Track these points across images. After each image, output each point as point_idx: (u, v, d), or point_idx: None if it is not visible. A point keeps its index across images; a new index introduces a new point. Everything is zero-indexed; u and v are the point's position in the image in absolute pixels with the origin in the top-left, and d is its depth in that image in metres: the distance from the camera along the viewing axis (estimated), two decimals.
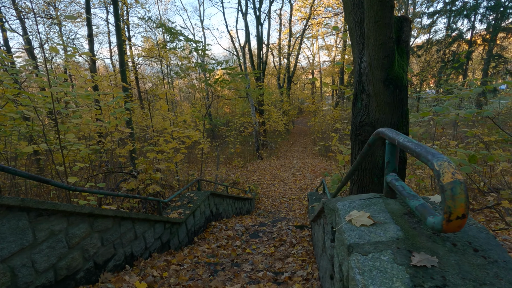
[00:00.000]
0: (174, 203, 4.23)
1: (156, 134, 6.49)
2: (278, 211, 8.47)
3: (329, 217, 1.17)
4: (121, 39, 9.31)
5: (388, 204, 0.92)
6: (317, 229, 2.66)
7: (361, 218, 0.82)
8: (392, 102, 2.38)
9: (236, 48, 21.50)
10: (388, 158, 0.96)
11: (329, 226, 1.17)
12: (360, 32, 2.62)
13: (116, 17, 9.12)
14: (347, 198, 1.07)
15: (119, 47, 9.23)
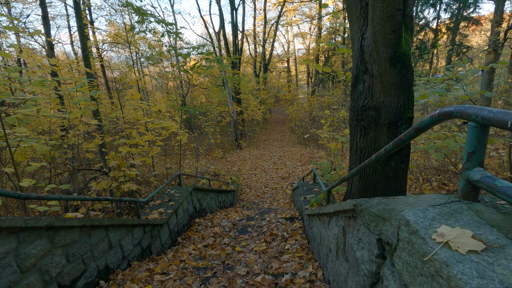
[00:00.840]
0: (154, 202, 3.82)
1: (128, 126, 5.89)
2: (261, 202, 8.29)
3: (373, 226, 0.91)
4: (81, 21, 8.32)
5: (481, 213, 0.67)
6: (319, 225, 2.44)
7: (462, 238, 0.56)
8: (398, 83, 2.16)
9: (210, 34, 20.59)
10: (473, 147, 0.70)
11: (372, 237, 0.91)
12: (360, 5, 2.35)
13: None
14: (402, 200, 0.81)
15: (80, 29, 8.25)
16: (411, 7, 2.29)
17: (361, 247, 1.04)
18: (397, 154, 2.31)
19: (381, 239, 0.84)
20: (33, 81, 3.23)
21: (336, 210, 1.48)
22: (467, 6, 19.06)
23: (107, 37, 18.11)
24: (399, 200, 0.84)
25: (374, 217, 0.89)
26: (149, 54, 10.87)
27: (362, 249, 1.03)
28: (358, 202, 1.07)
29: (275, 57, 35.75)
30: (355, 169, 1.73)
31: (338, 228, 1.52)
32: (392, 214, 0.75)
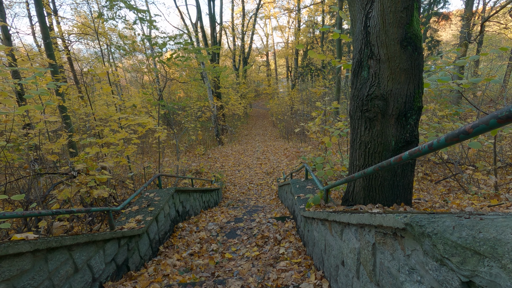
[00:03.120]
0: (130, 208, 3.39)
1: (99, 123, 5.31)
2: (247, 199, 8.01)
3: (455, 262, 0.62)
4: (41, 6, 7.44)
5: None
6: (322, 230, 2.18)
7: None
8: (409, 68, 1.92)
9: (187, 26, 19.68)
10: None
11: (451, 276, 0.63)
12: None
13: None
14: (504, 224, 0.55)
15: (40, 16, 7.37)
16: None
17: (417, 280, 0.78)
18: (406, 148, 2.09)
19: (473, 283, 0.56)
20: None
21: (361, 222, 1.21)
22: (437, 2, 19.78)
23: (74, 28, 16.70)
24: (499, 224, 0.57)
25: (456, 248, 0.61)
26: (120, 45, 10.05)
27: (419, 283, 0.76)
28: (415, 220, 0.79)
29: (254, 51, 35.31)
30: (371, 168, 1.47)
31: (362, 242, 1.26)
32: (499, 249, 0.48)
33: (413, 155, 1.09)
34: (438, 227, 0.68)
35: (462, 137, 0.82)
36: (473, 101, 11.10)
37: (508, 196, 3.46)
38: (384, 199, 2.22)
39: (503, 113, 0.66)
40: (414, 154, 1.08)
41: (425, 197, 4.72)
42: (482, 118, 0.73)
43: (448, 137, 0.87)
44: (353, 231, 1.35)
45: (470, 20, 14.11)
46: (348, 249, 1.43)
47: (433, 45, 20.65)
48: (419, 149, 1.04)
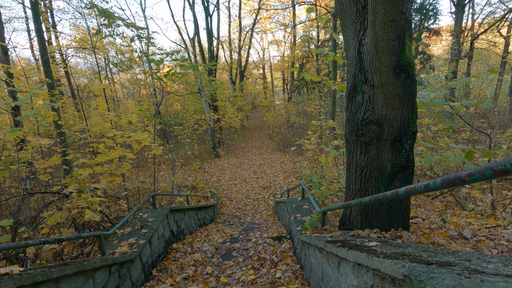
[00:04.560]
0: (123, 230, 3.30)
1: (94, 139, 5.26)
2: (243, 215, 7.89)
3: None
4: (40, 23, 7.52)
5: None
6: (320, 258, 2.13)
7: None
8: (403, 95, 1.94)
9: (185, 40, 20.02)
10: None
11: None
12: (356, 9, 2.12)
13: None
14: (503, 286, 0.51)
15: (38, 32, 7.43)
16: (410, 12, 2.10)
17: None
18: (402, 173, 2.08)
19: None
20: None
21: (359, 262, 1.18)
22: (428, 18, 20.47)
23: (72, 42, 16.86)
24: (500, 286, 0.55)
25: None
26: (118, 60, 10.14)
27: None
28: (414, 273, 0.77)
29: (251, 64, 35.88)
30: (368, 198, 1.45)
31: (359, 281, 1.22)
32: None
33: (409, 192, 1.07)
34: (437, 285, 0.66)
35: (458, 183, 0.80)
36: (467, 115, 11.27)
37: (505, 215, 3.45)
38: (382, 223, 2.19)
39: (499, 167, 0.66)
40: (410, 191, 1.07)
41: (422, 213, 4.69)
42: (479, 168, 0.72)
43: (444, 181, 0.86)
44: (351, 266, 1.31)
45: (460, 37, 14.56)
46: (345, 284, 1.39)
47: (425, 59, 21.22)
48: (415, 187, 1.02)
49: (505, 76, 16.67)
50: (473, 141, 8.80)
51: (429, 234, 2.31)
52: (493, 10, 16.22)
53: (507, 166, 0.63)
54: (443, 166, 2.69)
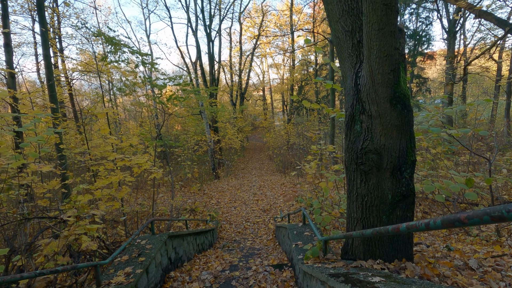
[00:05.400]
0: (120, 257, 3.22)
1: (94, 162, 5.27)
2: (243, 239, 7.70)
3: None
4: (48, 49, 7.80)
5: None
6: None
7: None
8: (400, 125, 1.99)
9: (187, 64, 20.66)
10: None
11: None
12: (352, 43, 2.23)
13: (42, 24, 7.64)
14: None
15: (46, 58, 7.69)
16: (403, 46, 2.21)
17: None
18: (403, 202, 2.08)
19: None
20: None
21: None
22: (421, 43, 21.30)
23: (78, 66, 17.40)
24: None
25: None
26: (122, 84, 10.42)
27: None
28: None
29: (251, 86, 36.73)
30: (370, 231, 1.44)
31: None
32: None
33: (411, 229, 1.07)
34: None
35: (458, 224, 0.81)
36: (465, 137, 11.35)
37: (511, 243, 3.38)
38: (385, 254, 2.15)
39: (496, 213, 0.67)
40: (411, 228, 1.07)
41: (426, 239, 4.59)
42: (477, 212, 0.74)
43: (444, 222, 0.87)
44: None
45: (453, 62, 15.08)
46: None
47: (421, 82, 21.78)
48: (416, 225, 1.03)
49: (500, 98, 17.02)
50: (473, 163, 8.81)
51: (434, 265, 2.25)
52: (483, 36, 16.91)
53: (503, 213, 0.65)
54: (444, 193, 2.69)
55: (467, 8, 5.75)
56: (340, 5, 2.28)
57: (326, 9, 2.51)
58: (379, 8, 1.79)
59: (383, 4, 1.78)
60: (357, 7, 2.23)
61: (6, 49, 9.06)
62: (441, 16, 15.15)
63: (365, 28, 1.91)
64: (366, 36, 1.91)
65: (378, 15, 1.80)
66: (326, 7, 2.50)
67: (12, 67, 9.44)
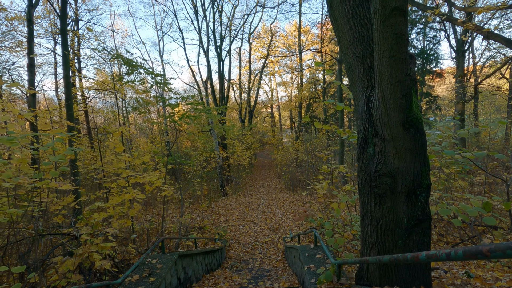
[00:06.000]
0: (131, 277, 3.21)
1: (107, 179, 5.38)
2: (252, 259, 7.54)
3: None
4: (68, 70, 8.22)
5: None
6: None
7: None
8: (413, 148, 2.00)
9: (198, 82, 21.30)
10: None
11: None
12: (363, 68, 2.30)
13: (64, 47, 8.12)
14: None
15: (66, 78, 8.09)
16: (414, 71, 2.26)
17: None
18: (419, 226, 2.05)
19: None
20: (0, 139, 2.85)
21: None
22: (429, 61, 21.40)
23: (94, 84, 18.17)
24: None
25: None
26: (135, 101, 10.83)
27: None
28: None
29: (259, 104, 37.22)
30: (387, 258, 1.43)
31: None
32: None
33: (431, 258, 1.07)
34: None
35: (480, 257, 0.82)
36: (479, 158, 11.05)
37: None
38: (402, 280, 2.09)
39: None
40: (431, 258, 1.07)
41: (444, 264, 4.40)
42: (499, 245, 0.75)
43: (466, 253, 0.87)
44: None
45: (463, 80, 15.00)
46: None
47: (431, 100, 21.66)
48: (437, 255, 1.03)
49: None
50: (489, 183, 8.52)
51: None
52: (493, 54, 16.89)
53: None
54: (461, 217, 2.63)
55: (474, 30, 5.83)
56: (351, 32, 2.38)
57: (337, 36, 2.61)
58: (390, 37, 1.86)
59: (393, 33, 1.86)
60: (367, 35, 2.32)
61: (30, 70, 9.59)
62: (448, 35, 15.27)
63: (376, 55, 1.98)
64: (377, 63, 1.98)
65: (389, 43, 1.87)
66: (337, 34, 2.60)
67: (34, 86, 9.93)
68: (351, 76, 2.55)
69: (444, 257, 0.98)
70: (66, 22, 8.40)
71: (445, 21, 13.74)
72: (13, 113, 4.32)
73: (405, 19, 1.89)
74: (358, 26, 2.35)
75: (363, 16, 2.35)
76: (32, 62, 9.70)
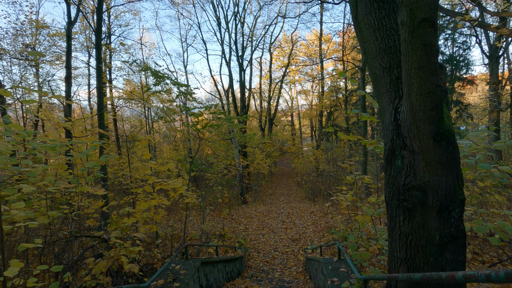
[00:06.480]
0: (156, 282, 3.31)
1: (135, 185, 5.63)
2: (272, 270, 7.45)
3: None
4: (101, 82, 8.81)
5: None
6: None
7: None
8: (445, 162, 1.93)
9: (219, 91, 21.81)
10: None
11: None
12: (390, 79, 2.27)
13: (98, 60, 8.74)
14: None
15: (99, 89, 8.68)
16: (445, 81, 2.20)
17: None
18: (452, 243, 1.95)
19: None
20: (43, 146, 3.11)
21: None
22: (459, 68, 20.38)
23: (123, 94, 19.22)
24: None
25: None
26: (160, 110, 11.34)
27: None
28: None
29: (279, 112, 37.25)
30: (420, 276, 1.38)
31: None
32: None
33: (468, 279, 1.03)
34: None
35: None
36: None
37: None
38: None
39: None
40: (469, 278, 1.02)
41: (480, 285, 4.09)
42: None
43: (508, 275, 0.84)
44: None
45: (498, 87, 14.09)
46: None
47: (461, 108, 20.54)
48: (475, 275, 0.99)
49: None
50: None
51: None
52: None
53: None
54: (499, 235, 2.46)
55: (510, 36, 5.52)
56: (377, 43, 2.37)
57: (362, 47, 2.61)
58: (419, 48, 1.84)
59: (422, 44, 1.83)
60: (394, 45, 2.30)
61: (67, 81, 10.36)
62: (480, 41, 14.52)
63: (404, 66, 1.96)
64: (405, 74, 1.95)
65: (418, 54, 1.84)
66: (362, 45, 2.60)
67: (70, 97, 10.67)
68: (377, 87, 2.52)
69: (484, 278, 0.94)
70: (101, 37, 9.04)
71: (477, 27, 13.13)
72: (53, 122, 4.69)
73: (435, 29, 1.85)
74: (385, 37, 2.34)
75: (389, 27, 2.33)
76: (69, 74, 10.47)
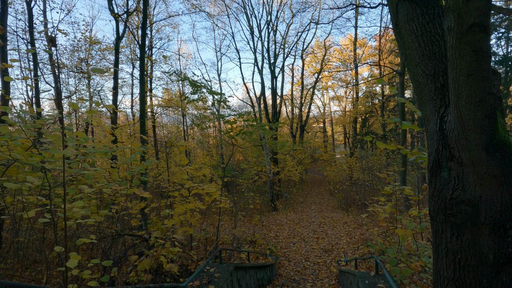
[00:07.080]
0: (192, 283, 3.45)
1: (172, 189, 5.95)
2: (303, 280, 7.29)
3: None
4: (144, 91, 9.51)
5: None
6: None
7: None
8: (500, 175, 1.78)
9: (251, 98, 22.20)
10: None
11: None
12: (435, 87, 2.17)
13: (142, 72, 9.48)
14: None
15: (141, 99, 9.37)
16: (498, 88, 2.04)
17: None
18: (509, 265, 1.77)
19: None
20: (97, 151, 3.45)
21: None
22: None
23: (162, 102, 20.48)
24: None
25: None
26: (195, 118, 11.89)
27: None
28: None
29: (311, 119, 36.63)
30: None
31: None
32: None
33: None
34: None
35: None
36: None
37: None
38: None
39: None
40: None
41: None
42: None
43: None
44: None
45: None
46: None
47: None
48: None
49: None
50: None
51: None
52: None
53: None
54: None
55: None
56: (420, 50, 2.28)
57: (404, 54, 2.52)
58: (468, 55, 1.74)
59: (472, 51, 1.73)
60: (439, 52, 2.19)
61: (114, 91, 11.35)
62: None
63: (450, 73, 1.86)
64: (452, 82, 1.85)
65: (467, 61, 1.75)
66: (404, 52, 2.51)
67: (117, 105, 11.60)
68: (420, 94, 2.41)
69: None
70: (145, 51, 9.81)
71: None
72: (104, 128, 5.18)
73: (487, 34, 1.74)
74: (429, 43, 2.24)
75: (434, 33, 2.24)
76: (116, 85, 11.47)
